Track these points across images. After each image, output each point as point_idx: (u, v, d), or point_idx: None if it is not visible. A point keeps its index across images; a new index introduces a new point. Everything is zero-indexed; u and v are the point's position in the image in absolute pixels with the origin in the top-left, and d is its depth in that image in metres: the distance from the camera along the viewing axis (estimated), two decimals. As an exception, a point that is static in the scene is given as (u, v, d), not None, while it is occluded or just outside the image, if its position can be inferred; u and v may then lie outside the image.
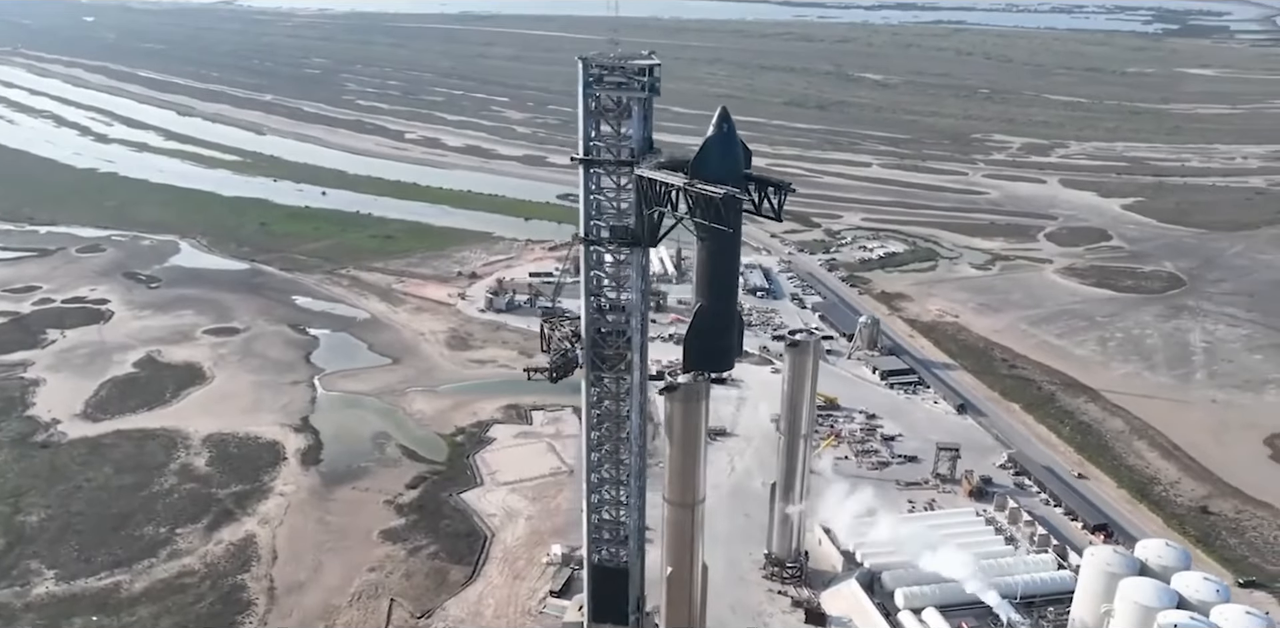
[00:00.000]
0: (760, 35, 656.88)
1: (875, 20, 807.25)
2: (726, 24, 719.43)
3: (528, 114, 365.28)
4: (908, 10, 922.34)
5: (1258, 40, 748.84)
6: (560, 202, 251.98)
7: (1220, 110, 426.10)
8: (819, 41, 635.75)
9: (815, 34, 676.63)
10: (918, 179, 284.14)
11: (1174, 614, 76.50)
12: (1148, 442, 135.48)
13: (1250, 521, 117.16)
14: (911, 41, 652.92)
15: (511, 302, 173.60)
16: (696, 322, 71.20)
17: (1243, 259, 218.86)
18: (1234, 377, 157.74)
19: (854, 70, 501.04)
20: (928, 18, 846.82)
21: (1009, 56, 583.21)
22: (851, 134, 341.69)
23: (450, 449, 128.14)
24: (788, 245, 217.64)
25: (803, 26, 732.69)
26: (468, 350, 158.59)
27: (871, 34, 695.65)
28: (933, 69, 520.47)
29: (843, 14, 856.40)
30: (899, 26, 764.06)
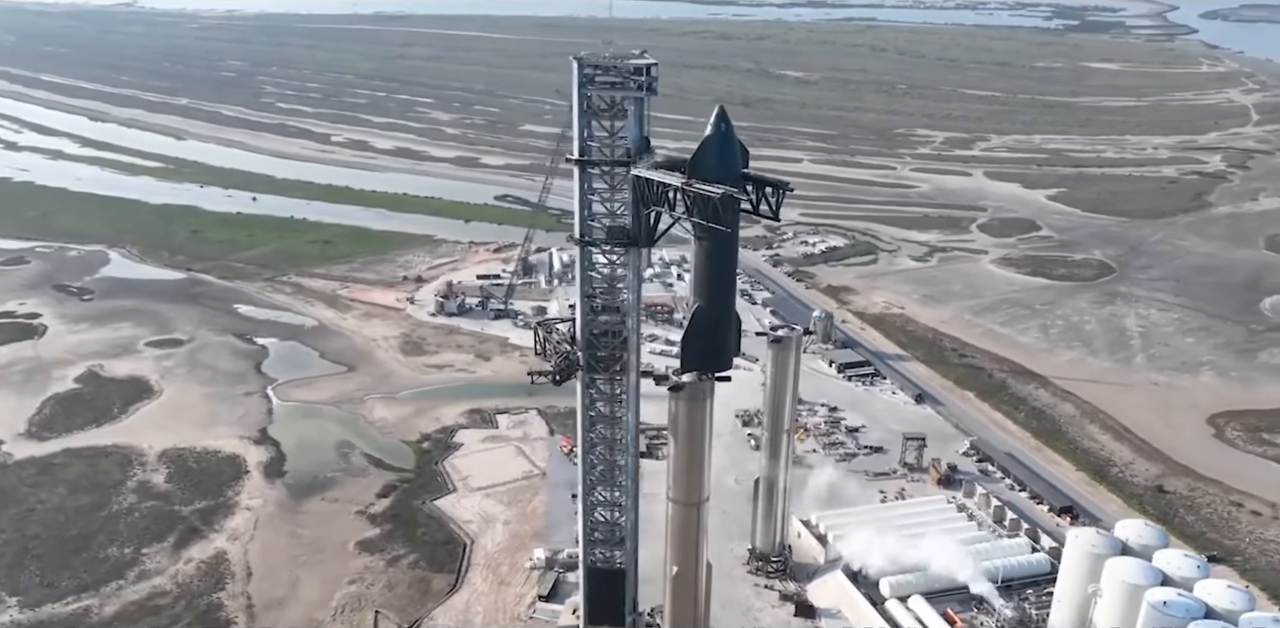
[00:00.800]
0: (679, 34, 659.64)
1: (789, 18, 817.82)
2: (644, 22, 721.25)
3: (455, 115, 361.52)
4: (819, 8, 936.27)
5: (1152, 35, 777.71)
6: (499, 203, 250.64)
7: (1126, 103, 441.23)
8: (737, 39, 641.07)
9: (732, 32, 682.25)
10: (849, 174, 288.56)
11: (1161, 591, 78.97)
12: (1099, 425, 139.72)
13: (1204, 498, 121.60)
14: (826, 39, 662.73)
15: (463, 305, 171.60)
16: (694, 321, 71.28)
17: (1165, 246, 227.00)
18: (1171, 359, 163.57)
19: (774, 68, 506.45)
20: (839, 15, 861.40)
21: (921, 52, 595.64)
22: (780, 130, 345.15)
23: (418, 456, 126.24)
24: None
25: (720, 25, 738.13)
26: (423, 355, 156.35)
27: (787, 31, 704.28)
28: (850, 65, 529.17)
29: (756, 12, 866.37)
30: (813, 24, 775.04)
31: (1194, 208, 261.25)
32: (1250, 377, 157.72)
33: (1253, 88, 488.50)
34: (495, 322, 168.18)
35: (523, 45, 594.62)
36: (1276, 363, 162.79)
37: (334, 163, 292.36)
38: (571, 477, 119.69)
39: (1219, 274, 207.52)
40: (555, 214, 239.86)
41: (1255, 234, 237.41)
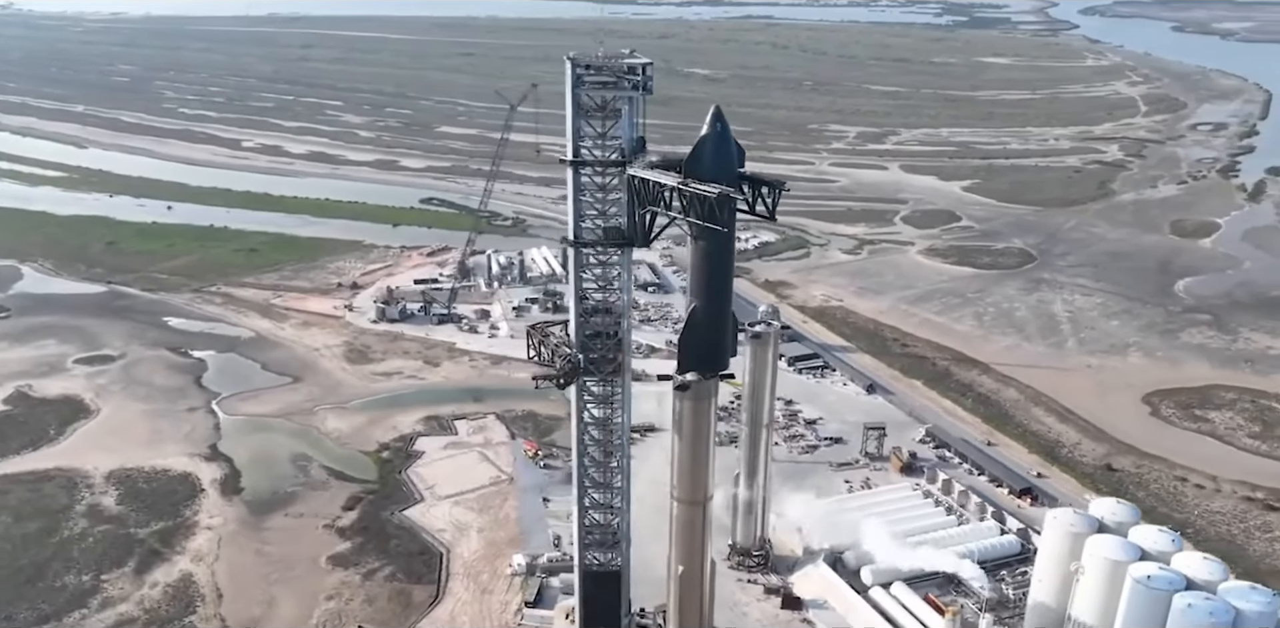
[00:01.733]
0: (584, 33, 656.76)
1: (689, 17, 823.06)
2: (546, 22, 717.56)
3: (367, 118, 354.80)
4: (717, 6, 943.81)
5: (1037, 31, 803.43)
6: (425, 206, 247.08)
7: (1022, 96, 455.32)
8: (640, 38, 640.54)
9: (635, 31, 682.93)
10: (769, 170, 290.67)
11: (1144, 566, 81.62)
12: (1043, 408, 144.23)
13: (1150, 474, 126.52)
14: (729, 36, 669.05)
15: (405, 310, 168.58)
16: (691, 321, 71.21)
17: (1079, 233, 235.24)
18: (1100, 342, 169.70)
19: (681, 66, 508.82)
20: (737, 13, 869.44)
21: (823, 49, 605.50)
22: (696, 128, 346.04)
23: (379, 466, 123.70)
24: (663, 240, 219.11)
25: (623, 24, 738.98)
26: (369, 363, 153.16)
27: (689, 30, 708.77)
28: (755, 63, 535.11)
29: (656, 10, 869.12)
30: (713, 22, 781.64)
31: (1100, 196, 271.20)
32: (1175, 356, 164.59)
33: (1137, 80, 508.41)
34: (440, 327, 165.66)
35: (426, 46, 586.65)
36: (1197, 343, 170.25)
37: (248, 169, 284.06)
38: (540, 481, 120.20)
39: (1132, 259, 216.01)
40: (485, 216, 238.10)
41: (1160, 220, 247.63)
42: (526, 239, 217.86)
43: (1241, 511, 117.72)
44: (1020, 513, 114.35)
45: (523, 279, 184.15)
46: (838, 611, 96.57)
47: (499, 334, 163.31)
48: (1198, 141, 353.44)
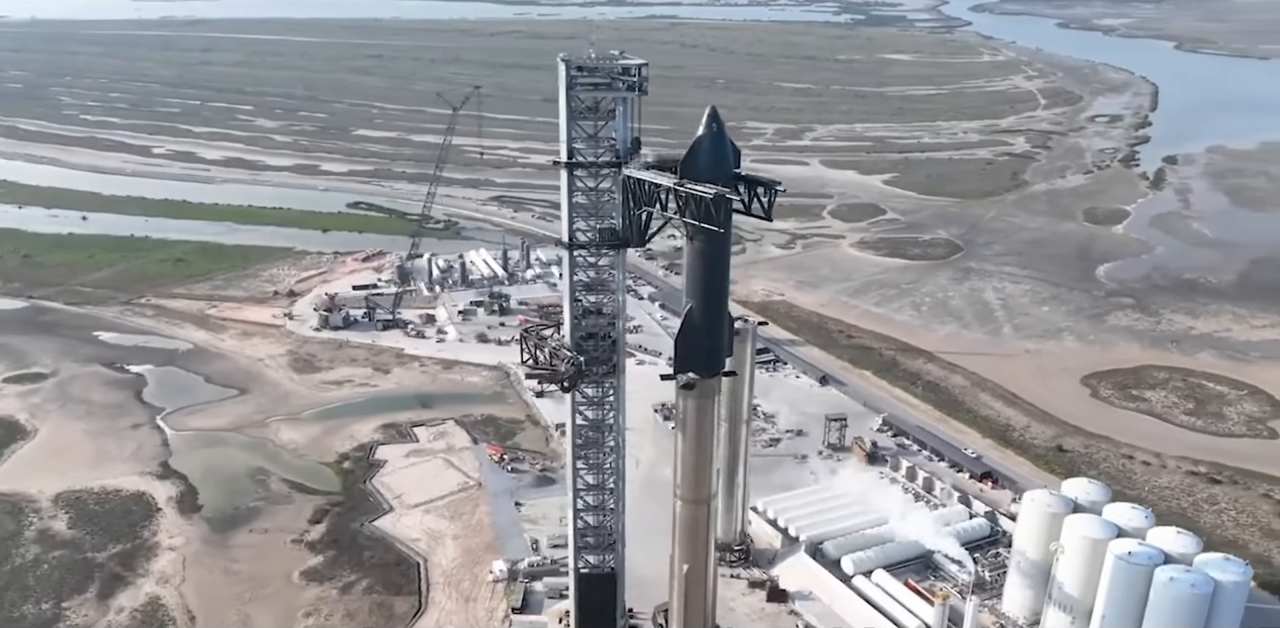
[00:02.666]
0: (489, 34, 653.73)
1: (594, 17, 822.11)
2: (451, 23, 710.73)
3: (281, 122, 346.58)
4: (620, 6, 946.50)
5: (933, 28, 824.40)
6: (352, 210, 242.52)
7: (928, 91, 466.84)
8: (549, 38, 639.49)
9: (543, 31, 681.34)
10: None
11: (1123, 543, 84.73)
12: (990, 393, 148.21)
13: (1099, 453, 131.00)
14: (635, 36, 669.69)
15: (348, 317, 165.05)
16: (687, 322, 71.26)
17: (1000, 223, 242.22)
18: (1034, 328, 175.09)
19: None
20: (642, 13, 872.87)
21: (731, 48, 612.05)
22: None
23: (341, 477, 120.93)
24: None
25: (528, 24, 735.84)
26: (317, 372, 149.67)
27: (596, 30, 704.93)
28: (665, 62, 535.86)
29: (561, 11, 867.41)
30: (618, 22, 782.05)
31: (1014, 187, 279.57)
32: (1106, 339, 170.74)
33: (1033, 75, 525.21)
34: (385, 332, 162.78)
35: (332, 48, 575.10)
36: (1124, 325, 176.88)
37: (162, 176, 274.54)
38: (509, 485, 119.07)
39: (1053, 247, 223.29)
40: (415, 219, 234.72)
41: (1073, 208, 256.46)
42: (461, 242, 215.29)
43: (1188, 485, 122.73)
44: (983, 496, 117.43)
45: (465, 282, 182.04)
46: (823, 600, 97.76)
47: (447, 338, 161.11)
48: (1097, 133, 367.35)
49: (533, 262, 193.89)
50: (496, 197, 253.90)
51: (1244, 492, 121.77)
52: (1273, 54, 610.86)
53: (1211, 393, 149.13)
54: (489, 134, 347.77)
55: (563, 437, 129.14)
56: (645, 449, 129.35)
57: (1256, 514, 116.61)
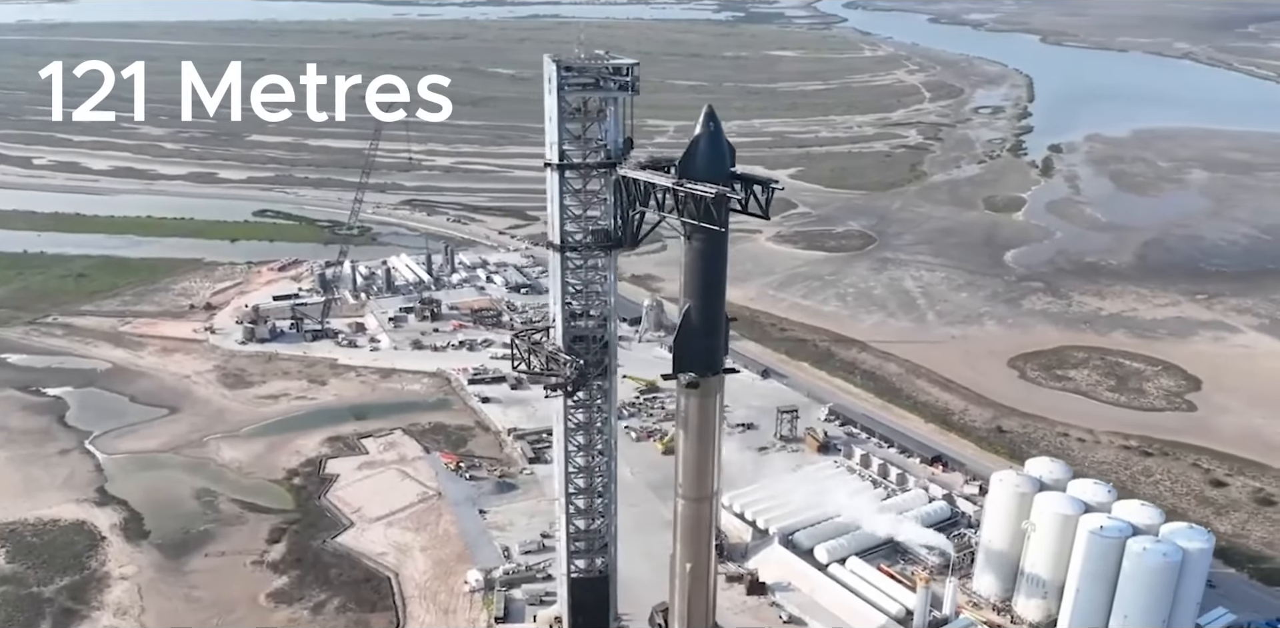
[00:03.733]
0: (372, 35, 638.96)
1: (476, 17, 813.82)
2: (329, 25, 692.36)
3: (168, 129, 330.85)
4: (501, 5, 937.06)
5: (812, 25, 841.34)
6: (260, 219, 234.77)
7: (817, 87, 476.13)
8: (434, 39, 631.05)
9: (427, 32, 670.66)
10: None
11: (1094, 518, 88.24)
12: (925, 379, 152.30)
13: (1036, 432, 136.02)
14: (523, 35, 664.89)
15: (274, 329, 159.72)
16: (685, 322, 71.21)
17: (907, 213, 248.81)
18: (956, 314, 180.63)
19: (484, 66, 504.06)
20: (524, 12, 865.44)
21: (619, 47, 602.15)
22: (518, 128, 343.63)
23: (293, 494, 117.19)
24: (521, 241, 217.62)
25: (411, 25, 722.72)
26: (250, 387, 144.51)
27: (482, 30, 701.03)
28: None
29: (441, 11, 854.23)
30: (502, 21, 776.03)
31: (914, 178, 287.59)
32: (1024, 322, 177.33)
33: (914, 69, 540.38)
34: (315, 343, 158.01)
35: (209, 52, 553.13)
36: (1039, 308, 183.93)
37: (48, 188, 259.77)
38: (470, 493, 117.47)
39: (960, 235, 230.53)
40: (325, 226, 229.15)
41: (973, 197, 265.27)
42: (379, 248, 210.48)
43: (1123, 459, 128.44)
44: (937, 479, 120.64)
45: (390, 289, 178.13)
46: (803, 590, 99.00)
47: (381, 347, 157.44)
48: (983, 124, 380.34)
49: (457, 266, 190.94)
50: (407, 201, 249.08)
51: (1175, 463, 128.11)
52: (1129, 46, 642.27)
53: (1129, 370, 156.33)
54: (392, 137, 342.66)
55: (516, 441, 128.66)
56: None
57: (1190, 484, 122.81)
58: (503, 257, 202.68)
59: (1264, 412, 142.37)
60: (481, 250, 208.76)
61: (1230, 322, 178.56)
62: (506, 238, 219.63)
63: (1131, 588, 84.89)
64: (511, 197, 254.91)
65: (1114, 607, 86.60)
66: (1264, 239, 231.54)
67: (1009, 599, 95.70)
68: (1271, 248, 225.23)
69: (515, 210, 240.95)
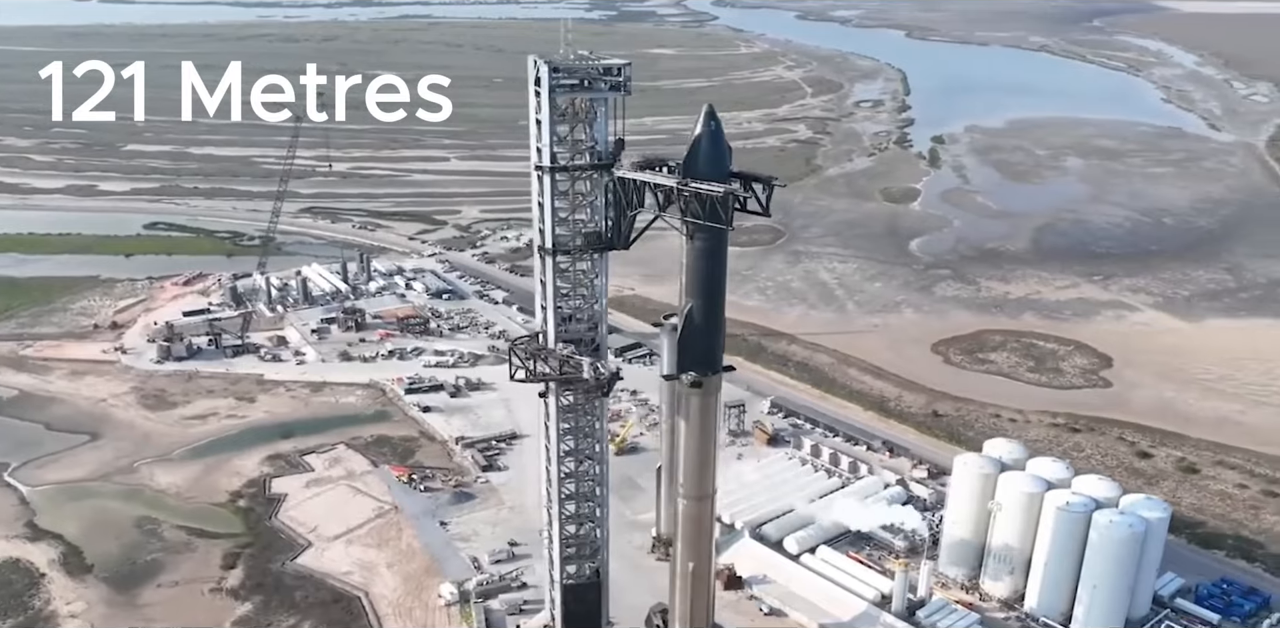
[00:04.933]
0: (237, 38, 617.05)
1: (345, 18, 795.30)
2: (192, 28, 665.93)
3: (35, 140, 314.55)
4: (369, 6, 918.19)
5: (685, 23, 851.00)
6: (153, 232, 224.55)
7: (701, 84, 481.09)
8: (305, 41, 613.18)
9: (296, 34, 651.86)
10: (502, 168, 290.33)
11: (1059, 494, 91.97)
12: (857, 368, 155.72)
13: (970, 415, 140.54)
14: (397, 37, 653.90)
15: (191, 346, 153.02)
16: (689, 322, 71.49)
17: (809, 206, 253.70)
18: (873, 303, 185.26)
19: (363, 69, 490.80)
20: (394, 13, 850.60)
21: (497, 46, 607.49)
22: (408, 131, 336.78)
23: (241, 517, 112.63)
24: (432, 246, 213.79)
25: (279, 27, 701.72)
26: (174, 408, 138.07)
27: (353, 31, 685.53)
28: (435, 62, 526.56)
29: (307, 12, 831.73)
30: (373, 22, 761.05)
31: (810, 172, 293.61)
32: (939, 308, 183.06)
33: (792, 65, 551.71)
34: (236, 359, 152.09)
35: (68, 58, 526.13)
36: (951, 295, 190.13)
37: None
38: (428, 506, 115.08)
39: (864, 226, 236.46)
40: (225, 237, 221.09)
41: (870, 189, 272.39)
42: (285, 257, 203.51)
43: (1054, 436, 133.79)
44: (886, 465, 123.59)
45: (307, 300, 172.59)
46: (779, 582, 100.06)
47: (307, 360, 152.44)
48: (866, 117, 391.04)
49: (373, 273, 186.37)
50: (307, 208, 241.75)
51: (1101, 437, 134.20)
52: (989, 40, 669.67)
53: (1045, 351, 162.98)
54: (273, 143, 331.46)
55: (465, 450, 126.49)
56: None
57: (1118, 457, 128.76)
58: (419, 263, 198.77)
59: (1173, 385, 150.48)
60: (395, 257, 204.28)
61: (1127, 301, 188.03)
62: (417, 243, 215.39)
63: (1099, 559, 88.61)
64: (415, 201, 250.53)
65: (1081, 577, 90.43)
66: (1144, 221, 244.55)
67: (975, 578, 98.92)
68: (1151, 230, 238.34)
69: (421, 215, 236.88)
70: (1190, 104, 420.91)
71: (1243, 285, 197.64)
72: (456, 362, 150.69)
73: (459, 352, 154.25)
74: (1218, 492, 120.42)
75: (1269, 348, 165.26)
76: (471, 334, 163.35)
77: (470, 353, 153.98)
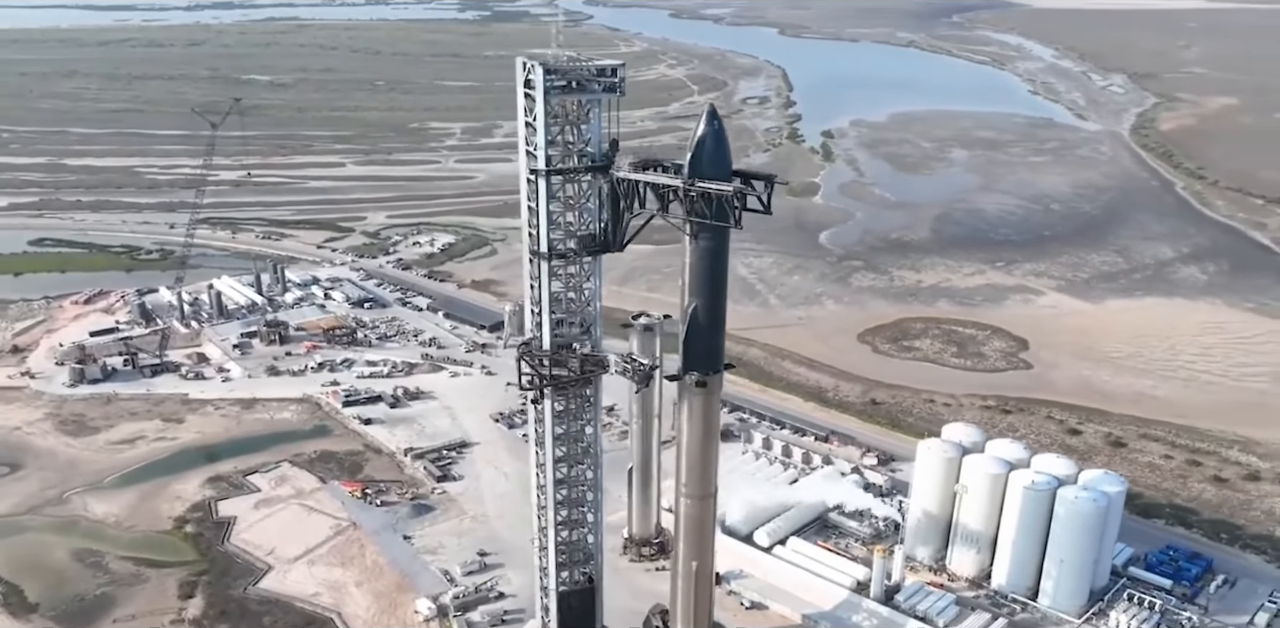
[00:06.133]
0: (98, 44, 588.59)
1: (208, 21, 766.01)
2: (47, 33, 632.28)
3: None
4: (231, 8, 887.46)
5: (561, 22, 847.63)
6: (40, 249, 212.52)
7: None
8: (169, 46, 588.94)
9: (160, 38, 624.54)
10: (400, 172, 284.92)
11: (1023, 474, 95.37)
12: (790, 361, 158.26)
13: (906, 401, 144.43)
14: (267, 40, 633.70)
15: (106, 368, 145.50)
16: (694, 321, 71.61)
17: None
18: (795, 297, 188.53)
19: (235, 73, 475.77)
20: (259, 15, 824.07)
21: (374, 49, 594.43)
22: (295, 136, 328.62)
23: (190, 543, 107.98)
24: (345, 254, 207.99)
25: (138, 31, 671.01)
26: (97, 433, 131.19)
27: (219, 35, 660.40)
28: (313, 65, 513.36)
29: (166, 16, 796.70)
30: (239, 25, 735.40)
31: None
32: (858, 299, 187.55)
33: (674, 63, 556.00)
34: (157, 379, 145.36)
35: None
36: (866, 285, 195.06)
37: None
38: (387, 520, 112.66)
39: (773, 221, 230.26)
40: (121, 252, 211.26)
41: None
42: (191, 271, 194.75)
43: (989, 418, 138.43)
44: (837, 454, 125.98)
45: (223, 314, 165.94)
46: (757, 576, 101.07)
47: (233, 376, 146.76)
48: (755, 114, 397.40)
49: (288, 284, 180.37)
50: (203, 219, 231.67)
51: (1031, 417, 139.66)
52: (860, 36, 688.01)
53: (965, 336, 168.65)
54: (154, 152, 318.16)
55: (415, 461, 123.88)
56: (504, 461, 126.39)
57: (1050, 435, 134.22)
58: (334, 271, 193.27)
59: (1088, 364, 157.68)
60: (306, 266, 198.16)
61: (1032, 285, 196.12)
62: (326, 251, 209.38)
63: (1067, 533, 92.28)
64: (316, 208, 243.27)
65: (1048, 553, 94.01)
66: (1033, 209, 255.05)
67: (942, 559, 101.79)
68: (1042, 217, 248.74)
69: (326, 223, 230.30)
70: (1056, 95, 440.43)
71: (1134, 266, 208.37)
72: (391, 371, 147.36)
73: (392, 361, 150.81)
74: (1146, 464, 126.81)
75: (1166, 325, 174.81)
76: (401, 343, 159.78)
77: (404, 362, 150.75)
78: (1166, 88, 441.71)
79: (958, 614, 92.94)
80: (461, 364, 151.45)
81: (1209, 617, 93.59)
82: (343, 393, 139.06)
